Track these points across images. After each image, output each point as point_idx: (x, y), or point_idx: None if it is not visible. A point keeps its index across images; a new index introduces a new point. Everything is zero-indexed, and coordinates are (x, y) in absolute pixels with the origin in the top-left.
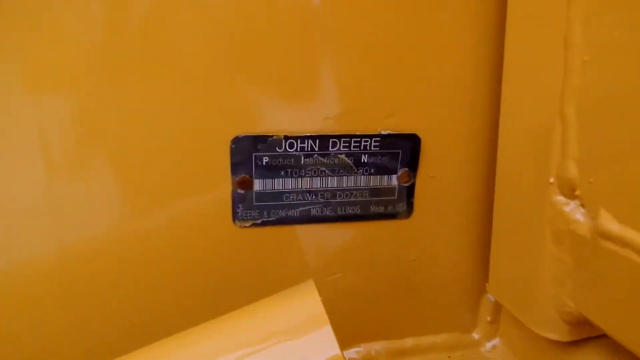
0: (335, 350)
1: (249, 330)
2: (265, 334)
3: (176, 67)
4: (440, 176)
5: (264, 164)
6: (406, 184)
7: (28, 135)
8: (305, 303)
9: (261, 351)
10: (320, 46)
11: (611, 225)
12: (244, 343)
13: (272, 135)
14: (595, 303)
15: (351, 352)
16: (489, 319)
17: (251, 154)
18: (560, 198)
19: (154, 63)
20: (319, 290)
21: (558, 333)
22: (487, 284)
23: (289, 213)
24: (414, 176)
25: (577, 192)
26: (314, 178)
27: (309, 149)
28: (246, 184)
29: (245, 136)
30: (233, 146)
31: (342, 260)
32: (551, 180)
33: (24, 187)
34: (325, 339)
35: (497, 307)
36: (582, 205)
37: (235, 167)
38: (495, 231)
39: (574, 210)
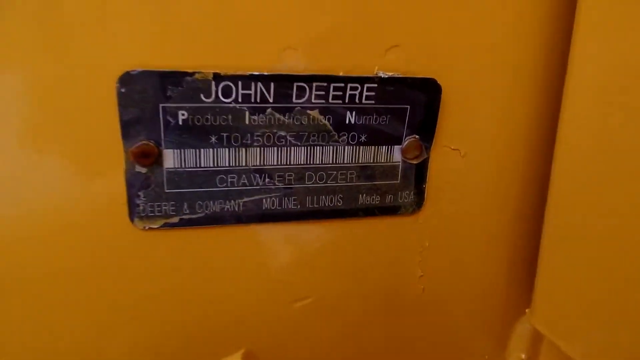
0: None
1: None
2: None
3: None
4: (469, 150)
5: (180, 123)
6: (415, 161)
7: None
8: None
9: None
10: None
11: None
12: None
13: (193, 73)
14: None
15: None
16: (523, 356)
17: (156, 106)
18: None
19: None
20: (279, 323)
21: None
22: (527, 310)
23: (227, 206)
24: (428, 148)
25: None
26: (267, 149)
27: (259, 99)
28: (149, 157)
29: (143, 72)
30: (122, 90)
31: (315, 278)
32: None
33: None
34: None
35: (536, 340)
36: None
37: (127, 129)
38: (548, 240)
39: None
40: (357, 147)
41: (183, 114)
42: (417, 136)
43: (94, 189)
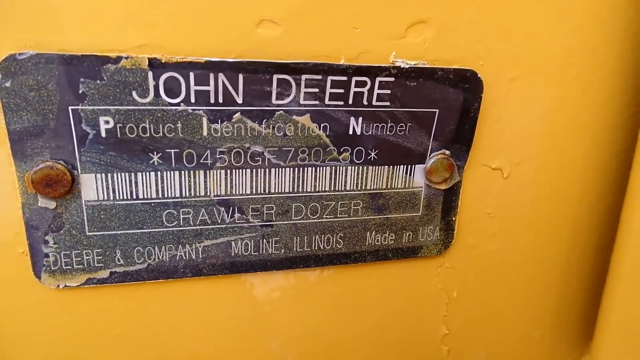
0: None
1: None
2: None
3: None
4: (511, 169)
5: (102, 134)
6: (443, 185)
7: None
8: None
9: None
10: None
11: None
12: None
13: (119, 59)
14: None
15: None
16: None
17: (65, 109)
18: None
19: None
20: None
21: None
22: None
23: (179, 253)
24: (462, 168)
25: None
26: (235, 171)
27: (221, 100)
28: (58, 187)
29: (39, 57)
30: (5, 84)
31: (305, 345)
32: None
33: None
34: None
35: None
36: None
37: (21, 144)
38: (617, 289)
39: None
40: (365, 167)
41: (107, 122)
42: (447, 152)
43: None
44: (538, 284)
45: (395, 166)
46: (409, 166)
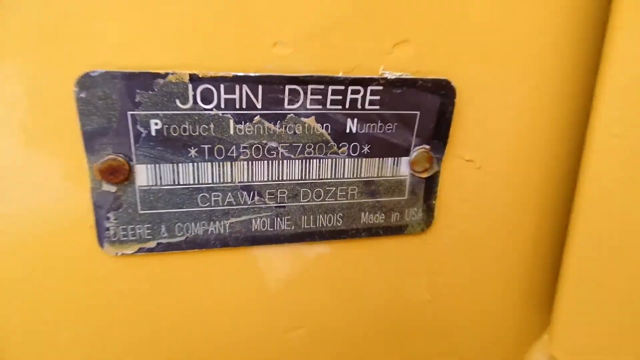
0: None
1: None
2: None
3: None
4: (482, 161)
5: (153, 133)
6: (424, 174)
7: None
8: None
9: None
10: None
11: None
12: None
13: (166, 74)
14: None
15: None
16: None
17: (124, 114)
18: None
19: None
20: (272, 355)
21: None
22: (545, 336)
23: (211, 229)
24: (440, 160)
25: None
26: (255, 163)
27: (245, 105)
28: (118, 174)
29: (106, 74)
30: (81, 95)
31: (310, 304)
32: None
33: None
34: None
35: None
36: None
37: (92, 141)
38: (572, 260)
39: None
40: (359, 159)
41: (156, 123)
42: (427, 146)
43: (57, 209)
44: (508, 258)
45: (385, 158)
46: (396, 158)
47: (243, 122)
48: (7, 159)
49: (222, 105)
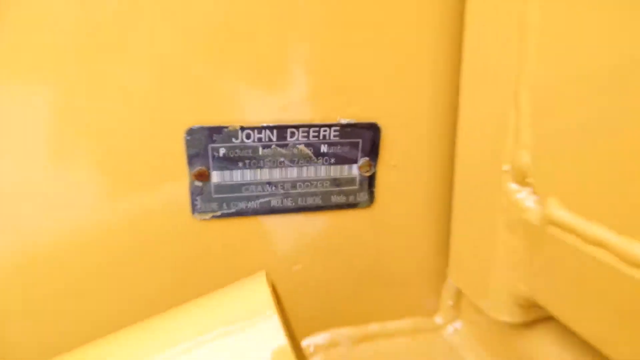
0: (282, 340)
1: (196, 323)
2: (212, 325)
3: (131, 58)
4: (401, 165)
5: (221, 155)
6: (367, 174)
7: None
8: (255, 294)
9: (205, 344)
10: (277, 34)
11: (558, 212)
12: (189, 336)
13: (228, 126)
14: (545, 288)
15: (318, 338)
16: (450, 303)
17: (207, 146)
18: (514, 186)
19: (109, 53)
20: (282, 280)
21: (512, 316)
22: (447, 270)
23: (249, 205)
24: (375, 166)
25: (529, 180)
26: (273, 169)
27: (267, 140)
28: (203, 176)
29: (200, 127)
30: (188, 138)
31: (304, 250)
32: (505, 168)
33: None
34: (272, 330)
35: (459, 292)
36: (534, 193)
37: (191, 159)
38: (454, 219)
39: (525, 198)
40: (329, 166)
41: (223, 150)
42: (367, 158)
43: (170, 195)
44: (424, 221)
45: (343, 165)
46: (350, 165)
47: (266, 148)
48: (160, 173)
49: (255, 140)
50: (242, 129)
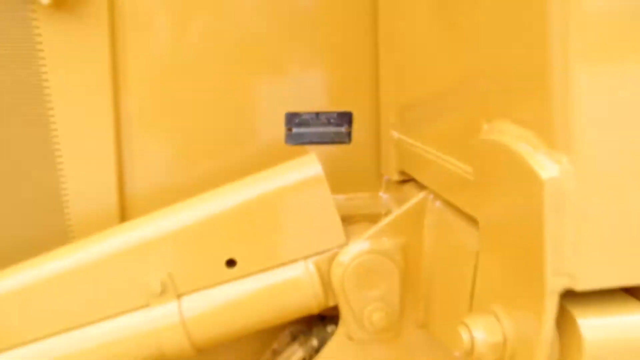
0: (318, 172)
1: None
2: (258, 178)
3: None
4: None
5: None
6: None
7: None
8: (301, 159)
9: (255, 179)
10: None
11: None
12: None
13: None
14: (416, 174)
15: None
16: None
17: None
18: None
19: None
20: None
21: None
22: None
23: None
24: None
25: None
26: None
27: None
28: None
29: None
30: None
31: None
32: None
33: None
34: (308, 163)
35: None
36: None
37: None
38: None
39: None
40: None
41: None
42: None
43: None
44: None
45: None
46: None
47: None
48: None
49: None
50: None
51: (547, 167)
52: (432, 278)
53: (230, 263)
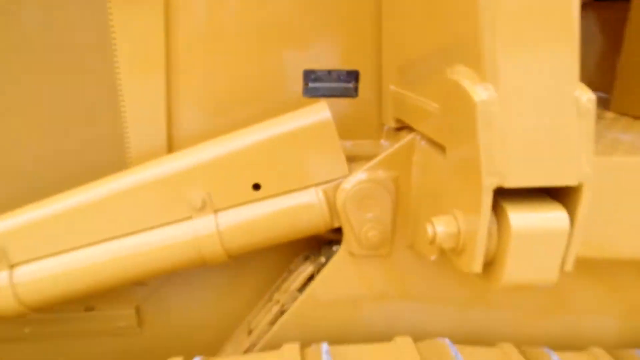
0: (327, 116)
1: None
2: (280, 120)
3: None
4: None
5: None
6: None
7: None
8: (314, 106)
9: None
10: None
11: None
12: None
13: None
14: (407, 119)
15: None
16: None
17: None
18: None
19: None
20: None
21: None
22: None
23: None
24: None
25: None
26: None
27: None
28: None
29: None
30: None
31: None
32: None
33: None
34: (319, 109)
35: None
36: None
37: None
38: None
39: None
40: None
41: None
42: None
43: None
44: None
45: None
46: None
47: None
48: None
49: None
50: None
51: (479, 93)
52: (419, 205)
53: (256, 187)
